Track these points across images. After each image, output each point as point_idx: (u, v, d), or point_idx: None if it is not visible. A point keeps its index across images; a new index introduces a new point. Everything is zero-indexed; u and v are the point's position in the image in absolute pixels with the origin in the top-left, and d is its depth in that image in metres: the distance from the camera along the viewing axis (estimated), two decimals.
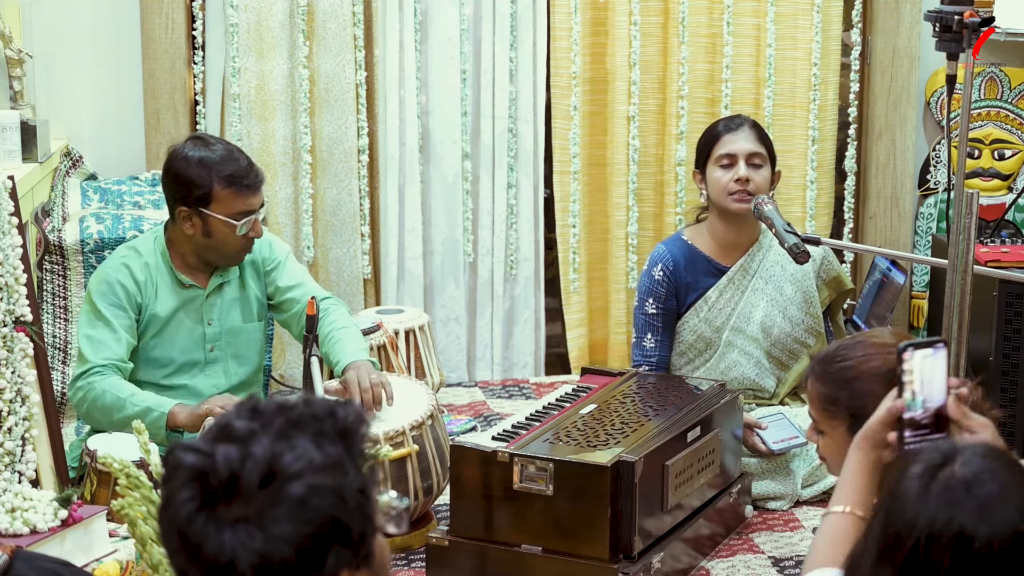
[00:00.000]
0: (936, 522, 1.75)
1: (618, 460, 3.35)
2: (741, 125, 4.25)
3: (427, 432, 3.72)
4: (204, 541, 1.63)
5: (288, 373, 5.06)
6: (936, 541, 1.75)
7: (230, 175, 3.80)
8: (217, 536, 1.62)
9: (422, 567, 3.61)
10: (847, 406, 2.51)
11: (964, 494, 1.76)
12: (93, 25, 4.92)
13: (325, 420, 1.70)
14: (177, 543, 1.65)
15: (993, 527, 1.74)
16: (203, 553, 1.63)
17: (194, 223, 3.82)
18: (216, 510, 1.63)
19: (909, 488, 1.79)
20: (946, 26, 3.22)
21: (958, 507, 1.75)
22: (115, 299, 3.84)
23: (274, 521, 1.62)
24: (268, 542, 1.62)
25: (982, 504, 1.75)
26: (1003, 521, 1.75)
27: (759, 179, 4.18)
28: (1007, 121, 5.27)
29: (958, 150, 3.20)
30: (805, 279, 4.29)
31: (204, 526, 1.63)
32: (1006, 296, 4.40)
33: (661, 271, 4.25)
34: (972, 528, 1.74)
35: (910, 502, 1.78)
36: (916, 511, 1.77)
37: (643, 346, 4.26)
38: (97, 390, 3.76)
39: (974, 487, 1.77)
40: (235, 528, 1.62)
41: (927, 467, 1.80)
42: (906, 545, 1.76)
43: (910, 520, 1.77)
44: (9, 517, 3.02)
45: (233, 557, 1.62)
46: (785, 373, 4.31)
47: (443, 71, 5.06)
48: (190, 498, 1.64)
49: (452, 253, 5.15)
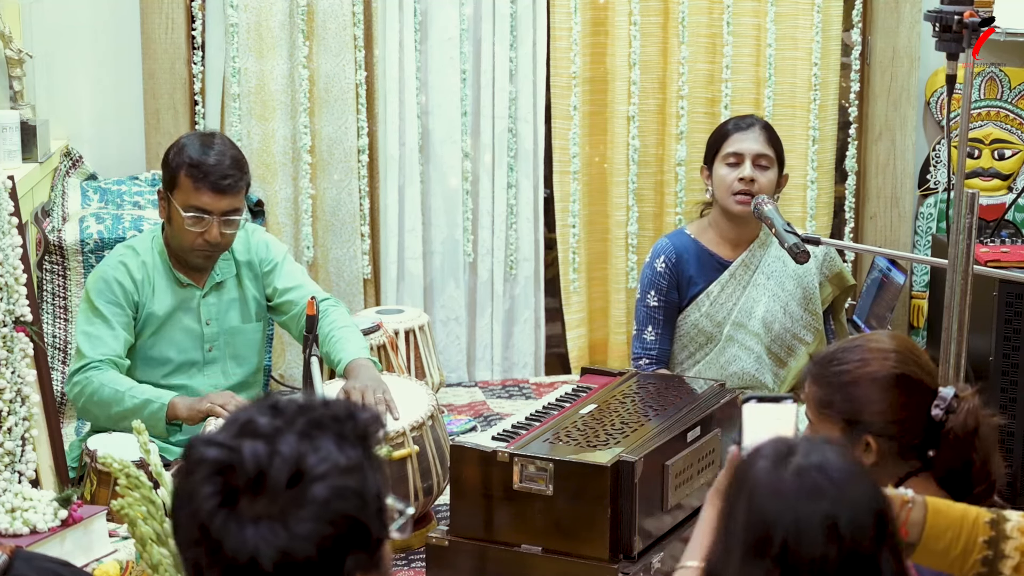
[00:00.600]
0: (800, 509, 1.76)
1: (618, 460, 3.35)
2: (752, 125, 4.24)
3: (427, 432, 3.72)
4: (225, 537, 1.62)
5: (288, 373, 5.06)
6: (806, 528, 1.75)
7: (196, 166, 3.78)
8: (239, 532, 1.62)
9: (422, 567, 3.61)
10: (840, 410, 2.51)
11: (820, 477, 1.77)
12: (93, 25, 4.92)
13: (345, 422, 1.70)
14: (198, 536, 1.64)
15: (854, 506, 1.76)
16: (224, 549, 1.62)
17: (163, 206, 3.86)
18: (239, 506, 1.62)
19: (762, 482, 1.79)
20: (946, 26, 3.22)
21: (818, 492, 1.76)
22: (112, 297, 3.84)
23: (298, 520, 1.62)
24: (292, 540, 1.61)
25: (838, 485, 1.77)
26: (862, 497, 1.78)
27: (764, 180, 4.17)
28: (1007, 121, 5.27)
29: (958, 150, 3.20)
30: (807, 275, 4.29)
31: (226, 522, 1.62)
32: (1006, 296, 4.40)
33: (664, 263, 4.25)
34: (835, 511, 1.76)
35: (769, 494, 1.78)
36: (777, 503, 1.77)
37: (644, 338, 4.26)
38: (95, 384, 3.76)
39: (826, 470, 1.78)
40: (258, 525, 1.61)
41: (774, 458, 1.81)
42: (776, 537, 1.76)
43: (773, 512, 1.77)
44: (9, 517, 3.01)
45: (255, 554, 1.61)
46: (783, 370, 4.31)
47: (443, 71, 5.06)
48: (213, 493, 1.63)
49: (452, 253, 5.15)
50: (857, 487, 1.79)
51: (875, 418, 2.49)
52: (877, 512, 1.79)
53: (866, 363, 2.51)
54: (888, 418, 2.48)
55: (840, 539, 1.75)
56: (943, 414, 2.46)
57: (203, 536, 1.63)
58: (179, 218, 3.80)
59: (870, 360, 2.51)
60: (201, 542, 1.64)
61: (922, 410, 2.48)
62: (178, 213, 3.80)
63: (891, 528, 1.81)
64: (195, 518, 1.64)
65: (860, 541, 1.76)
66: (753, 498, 1.79)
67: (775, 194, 4.21)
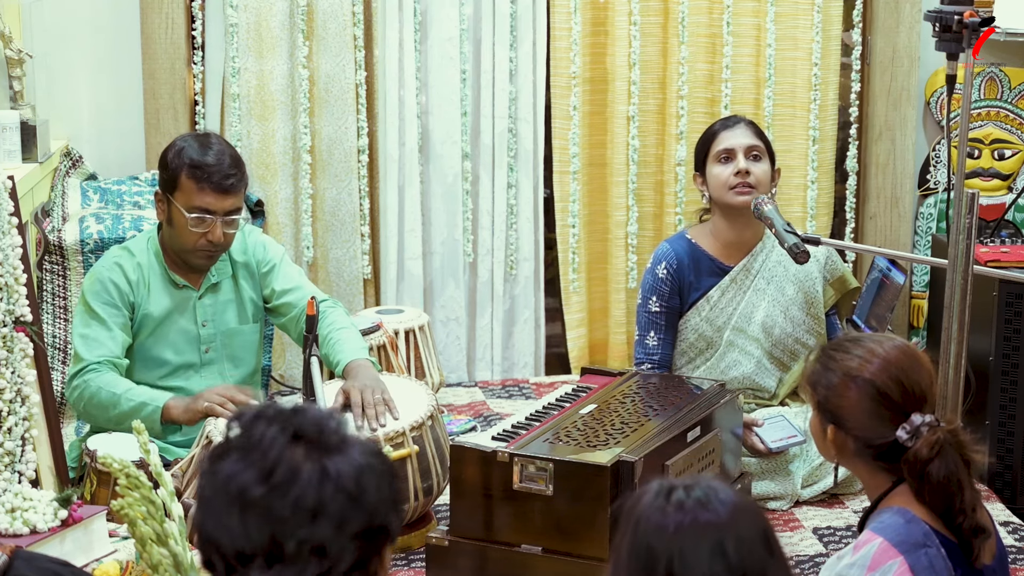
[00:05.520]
0: (684, 540, 1.84)
1: (618, 460, 3.35)
2: (738, 123, 4.27)
3: (427, 433, 3.72)
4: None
5: (288, 373, 5.06)
6: (690, 552, 1.83)
7: (198, 167, 3.79)
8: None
9: (422, 567, 3.61)
10: (818, 392, 2.60)
11: (699, 509, 1.85)
12: (93, 25, 4.91)
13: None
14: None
15: (737, 530, 1.84)
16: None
17: (162, 208, 3.85)
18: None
19: (645, 515, 1.87)
20: (946, 26, 3.22)
21: (697, 522, 1.84)
22: (108, 298, 3.84)
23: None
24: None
25: (718, 513, 1.85)
26: (744, 520, 1.86)
27: (759, 171, 4.18)
28: (1007, 121, 5.27)
29: (958, 150, 3.20)
30: (808, 279, 4.29)
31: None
32: (1006, 296, 4.40)
33: (665, 269, 4.25)
34: (719, 536, 1.84)
35: (653, 528, 1.85)
36: (659, 534, 1.85)
37: (646, 344, 4.26)
38: (92, 387, 3.76)
39: (706, 503, 1.86)
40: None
41: (659, 491, 1.89)
42: (660, 565, 1.83)
43: (656, 543, 1.85)
44: (9, 517, 3.02)
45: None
46: (785, 374, 4.30)
47: (443, 71, 5.06)
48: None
49: (452, 253, 5.15)
50: (738, 512, 1.86)
51: (838, 411, 2.56)
52: (763, 530, 1.87)
53: (853, 359, 2.57)
54: (847, 416, 2.55)
55: (727, 560, 1.82)
56: (907, 437, 2.50)
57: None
58: (181, 219, 3.80)
59: (858, 358, 2.57)
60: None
61: (885, 424, 2.53)
62: (180, 214, 3.80)
63: (777, 546, 1.89)
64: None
65: (748, 562, 1.84)
66: (637, 531, 1.87)
67: (771, 188, 4.22)
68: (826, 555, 3.75)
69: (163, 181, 3.85)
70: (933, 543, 2.46)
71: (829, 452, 2.61)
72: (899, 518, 2.48)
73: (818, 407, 2.59)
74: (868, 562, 2.43)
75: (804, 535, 3.87)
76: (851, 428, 2.55)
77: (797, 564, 3.69)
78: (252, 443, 1.79)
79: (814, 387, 2.60)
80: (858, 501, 4.08)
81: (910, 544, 2.44)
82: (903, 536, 2.45)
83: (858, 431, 2.54)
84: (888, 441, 2.51)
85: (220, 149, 3.84)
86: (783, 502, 4.05)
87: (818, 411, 2.60)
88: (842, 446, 2.57)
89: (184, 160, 3.79)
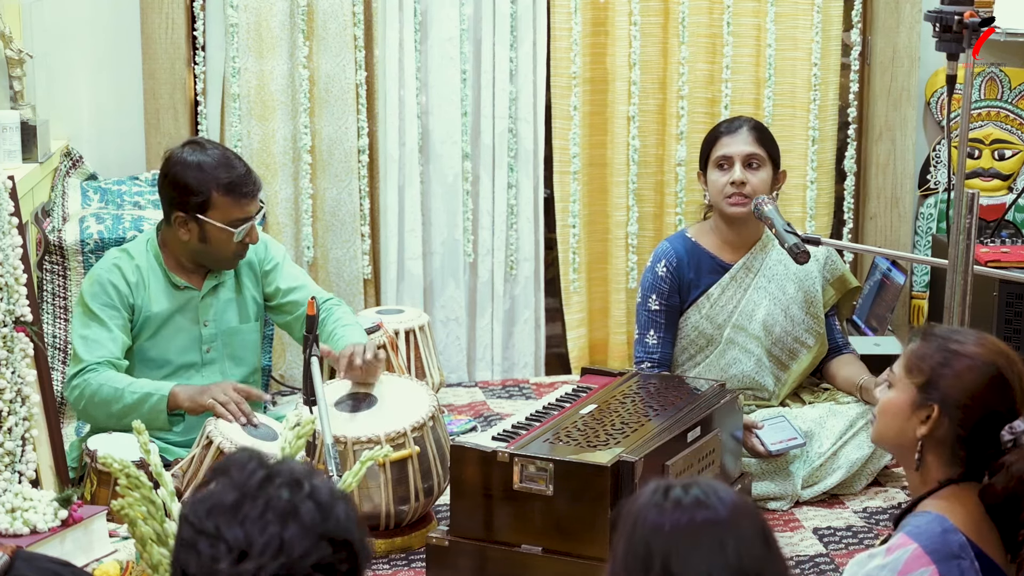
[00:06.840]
0: (680, 536, 1.83)
1: (618, 460, 3.35)
2: (740, 127, 4.24)
3: (428, 433, 3.72)
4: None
5: (288, 373, 5.06)
6: (686, 550, 1.83)
7: (229, 182, 3.80)
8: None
9: (422, 567, 3.61)
10: (928, 369, 2.52)
11: (698, 508, 1.85)
12: (93, 25, 4.92)
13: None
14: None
15: (736, 527, 1.85)
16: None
17: (190, 229, 3.82)
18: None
19: (642, 514, 1.86)
20: (946, 26, 3.22)
21: (693, 521, 1.84)
22: (108, 299, 3.84)
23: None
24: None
25: (715, 510, 1.85)
26: (743, 518, 1.86)
27: (756, 181, 4.17)
28: (1007, 121, 5.27)
29: (958, 150, 3.20)
30: (808, 279, 4.29)
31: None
32: (1006, 296, 4.40)
33: (665, 267, 4.25)
34: (719, 533, 1.83)
35: (650, 527, 1.85)
36: (656, 532, 1.84)
37: (646, 342, 4.26)
38: (93, 386, 3.76)
39: (705, 501, 1.85)
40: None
41: (657, 489, 1.88)
42: (656, 560, 1.83)
43: (654, 541, 1.84)
44: (9, 517, 3.02)
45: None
46: (784, 373, 4.30)
47: (443, 71, 5.06)
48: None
49: (452, 253, 5.15)
50: (736, 511, 1.86)
51: (951, 391, 2.49)
52: (761, 529, 1.88)
53: (979, 345, 2.52)
54: (961, 399, 2.49)
55: (725, 558, 1.82)
56: (1010, 440, 2.45)
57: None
58: (223, 234, 3.81)
59: (984, 344, 2.52)
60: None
61: (993, 419, 2.48)
62: (220, 230, 3.80)
63: (775, 545, 1.90)
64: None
65: (746, 560, 1.84)
66: (634, 530, 1.86)
67: (774, 192, 4.21)
68: (826, 555, 3.75)
69: (190, 204, 3.81)
70: (968, 556, 2.42)
71: (908, 435, 2.53)
72: (936, 526, 2.44)
73: (925, 385, 2.51)
74: (900, 567, 2.40)
75: (804, 535, 3.87)
76: (954, 411, 2.48)
77: (797, 564, 3.69)
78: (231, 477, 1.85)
79: (922, 360, 2.52)
80: (858, 501, 4.08)
81: (944, 554, 2.41)
82: (938, 545, 2.41)
83: (961, 415, 2.48)
84: (987, 438, 2.47)
85: (227, 156, 3.87)
86: (783, 503, 4.05)
87: (922, 391, 2.51)
88: (935, 427, 2.50)
89: (211, 178, 3.79)
